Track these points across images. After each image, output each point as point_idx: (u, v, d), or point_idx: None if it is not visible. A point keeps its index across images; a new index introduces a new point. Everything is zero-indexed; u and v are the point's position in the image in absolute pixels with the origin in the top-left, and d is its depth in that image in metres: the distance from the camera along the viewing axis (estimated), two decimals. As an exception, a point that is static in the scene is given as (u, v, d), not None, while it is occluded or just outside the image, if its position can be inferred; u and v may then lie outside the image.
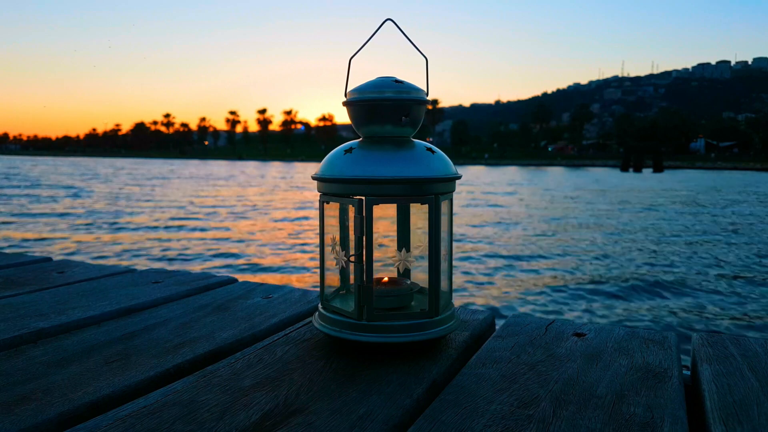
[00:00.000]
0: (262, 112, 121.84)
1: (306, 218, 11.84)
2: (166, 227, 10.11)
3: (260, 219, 11.64)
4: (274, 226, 10.56)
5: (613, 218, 12.22)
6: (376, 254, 0.69)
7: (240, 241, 8.67)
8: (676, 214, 13.25)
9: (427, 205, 0.70)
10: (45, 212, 12.07)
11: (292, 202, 16.26)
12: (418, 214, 0.77)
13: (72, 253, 7.36)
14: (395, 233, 0.81)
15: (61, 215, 11.67)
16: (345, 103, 0.74)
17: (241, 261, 7.06)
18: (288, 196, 18.53)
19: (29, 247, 7.85)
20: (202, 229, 9.87)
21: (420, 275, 0.80)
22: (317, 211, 0.77)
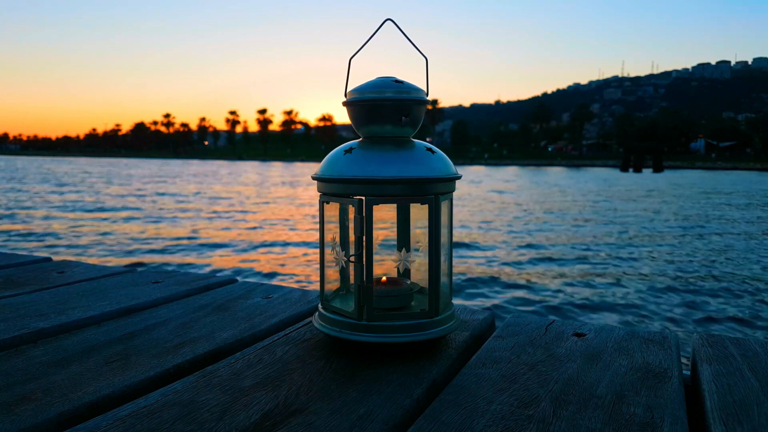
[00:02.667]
0: (262, 112, 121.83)
1: (306, 217, 11.85)
2: (166, 228, 10.12)
3: (260, 218, 11.64)
4: (274, 225, 10.56)
5: (613, 217, 12.22)
6: (375, 254, 0.69)
7: (240, 240, 8.67)
8: (675, 213, 13.26)
9: (427, 205, 0.70)
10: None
11: (292, 201, 16.27)
12: (418, 214, 0.77)
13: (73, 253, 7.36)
14: (395, 233, 0.81)
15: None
16: (345, 103, 0.74)
17: (241, 261, 7.06)
18: (288, 194, 18.55)
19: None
20: (203, 228, 9.88)
21: (420, 275, 0.80)
22: (317, 211, 0.77)
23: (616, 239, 9.18)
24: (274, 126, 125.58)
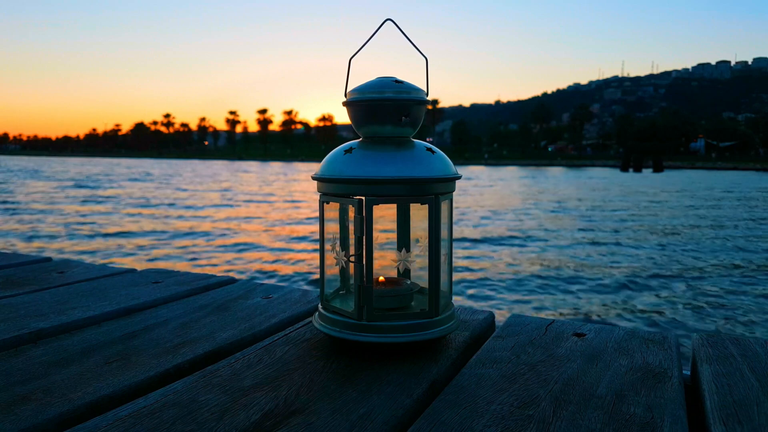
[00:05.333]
0: (262, 112, 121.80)
1: (306, 218, 11.84)
2: (166, 227, 10.11)
3: (260, 218, 11.64)
4: (273, 225, 10.56)
5: (610, 217, 12.22)
6: (375, 254, 0.69)
7: (240, 240, 8.67)
8: (674, 213, 13.26)
9: (427, 205, 0.70)
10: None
11: (291, 201, 16.25)
12: (418, 214, 0.77)
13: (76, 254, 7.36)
14: (395, 233, 0.81)
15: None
16: (345, 104, 0.74)
17: (241, 260, 7.06)
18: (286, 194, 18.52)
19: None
20: (203, 229, 9.87)
21: (420, 275, 0.80)
22: (317, 211, 0.77)
23: (617, 239, 9.17)
24: (274, 126, 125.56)
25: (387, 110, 0.72)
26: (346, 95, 0.74)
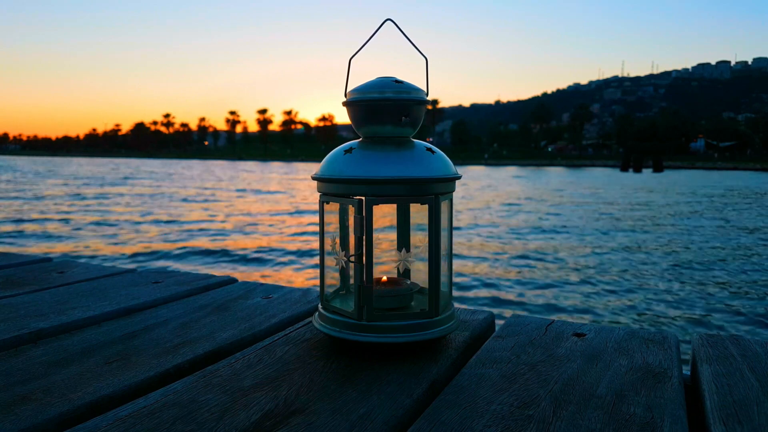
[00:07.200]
0: (263, 112, 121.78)
1: (306, 217, 11.84)
2: (167, 227, 10.11)
3: (260, 218, 11.64)
4: (274, 225, 10.56)
5: (611, 217, 12.23)
6: (376, 254, 0.69)
7: (239, 241, 8.67)
8: (674, 213, 13.26)
9: (427, 205, 0.70)
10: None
11: (291, 201, 16.25)
12: (418, 214, 0.77)
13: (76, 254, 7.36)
14: (395, 233, 0.81)
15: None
16: (345, 104, 0.74)
17: (240, 261, 7.06)
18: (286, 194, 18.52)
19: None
20: (202, 229, 9.87)
21: (420, 275, 0.80)
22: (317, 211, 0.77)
23: (616, 239, 9.17)
24: (274, 126, 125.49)
25: (387, 110, 0.72)
26: (346, 95, 0.74)
